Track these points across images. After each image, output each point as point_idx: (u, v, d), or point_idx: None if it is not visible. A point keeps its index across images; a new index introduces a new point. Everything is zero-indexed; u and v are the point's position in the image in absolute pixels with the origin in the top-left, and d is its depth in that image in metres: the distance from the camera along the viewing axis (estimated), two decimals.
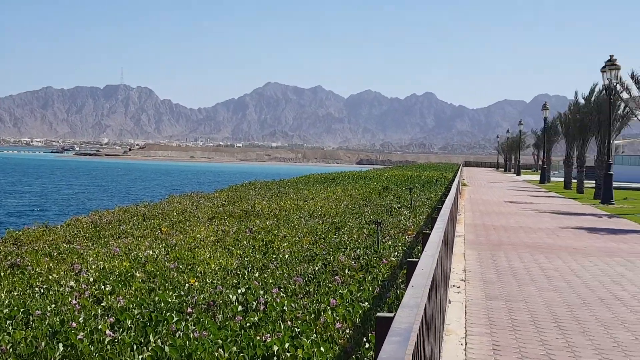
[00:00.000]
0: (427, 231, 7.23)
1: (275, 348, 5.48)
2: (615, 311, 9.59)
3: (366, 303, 7.09)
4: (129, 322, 6.31)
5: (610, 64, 33.62)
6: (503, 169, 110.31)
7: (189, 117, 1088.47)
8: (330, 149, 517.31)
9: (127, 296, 7.59)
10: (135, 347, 5.62)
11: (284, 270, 9.09)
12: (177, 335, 5.82)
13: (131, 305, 6.97)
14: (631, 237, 19.21)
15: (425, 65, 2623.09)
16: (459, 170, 44.91)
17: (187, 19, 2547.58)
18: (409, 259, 5.39)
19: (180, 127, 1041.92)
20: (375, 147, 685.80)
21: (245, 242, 11.91)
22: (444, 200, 12.74)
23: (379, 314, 2.86)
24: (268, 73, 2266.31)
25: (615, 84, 33.93)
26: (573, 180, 49.24)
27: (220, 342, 5.60)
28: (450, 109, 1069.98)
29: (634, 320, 9.05)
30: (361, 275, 8.73)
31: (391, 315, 2.62)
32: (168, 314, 6.49)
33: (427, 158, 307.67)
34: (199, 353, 5.31)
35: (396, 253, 10.40)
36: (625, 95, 35.56)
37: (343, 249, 10.87)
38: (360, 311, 6.68)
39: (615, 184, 36.44)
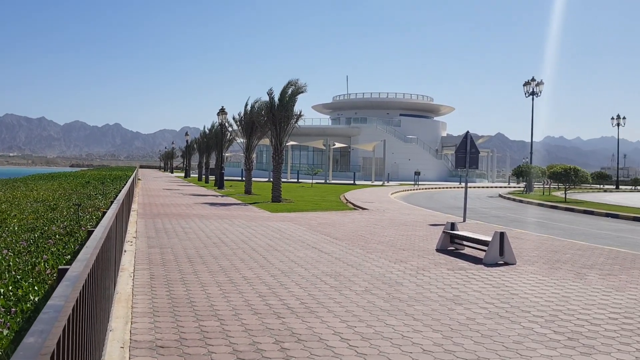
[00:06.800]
0: (106, 210, 6.82)
1: (2, 290, 4.82)
2: (222, 249, 9.92)
3: (69, 256, 6.50)
4: None
5: (222, 112, 34.71)
6: (163, 170, 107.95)
7: None
8: (52, 158, 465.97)
9: None
10: None
11: (13, 238, 7.96)
12: None
13: None
14: (233, 207, 19.98)
15: (115, 102, 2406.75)
16: (136, 170, 42.99)
17: None
18: (89, 229, 5.05)
19: None
20: (83, 156, 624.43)
21: None
22: (122, 190, 12.14)
23: (60, 267, 2.60)
24: (6, 105, 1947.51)
25: (225, 122, 35.03)
26: (203, 175, 49.90)
27: None
28: (131, 133, 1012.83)
29: (231, 254, 9.44)
30: (67, 238, 7.98)
31: (68, 267, 2.43)
32: None
33: (117, 163, 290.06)
34: None
35: (92, 223, 9.66)
36: (230, 128, 36.88)
37: (56, 222, 9.84)
38: (64, 262, 6.12)
39: (225, 178, 37.75)
